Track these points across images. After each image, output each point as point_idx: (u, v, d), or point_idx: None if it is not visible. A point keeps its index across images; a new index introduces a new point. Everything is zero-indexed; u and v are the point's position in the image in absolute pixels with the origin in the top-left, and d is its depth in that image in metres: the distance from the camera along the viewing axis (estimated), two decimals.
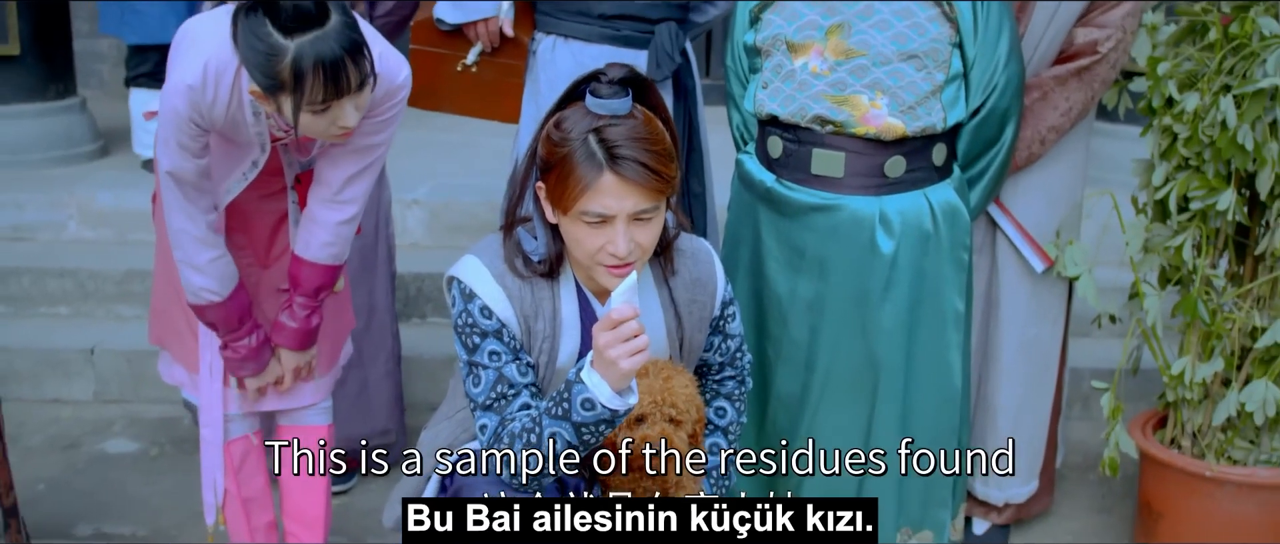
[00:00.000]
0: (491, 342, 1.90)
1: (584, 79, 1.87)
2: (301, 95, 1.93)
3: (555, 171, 1.82)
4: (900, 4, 2.27)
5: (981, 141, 2.42)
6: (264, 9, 1.93)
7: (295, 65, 1.92)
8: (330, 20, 1.93)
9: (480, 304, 1.91)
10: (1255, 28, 2.42)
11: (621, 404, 1.79)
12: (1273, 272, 2.56)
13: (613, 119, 1.81)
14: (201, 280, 2.22)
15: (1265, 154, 2.44)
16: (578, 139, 1.80)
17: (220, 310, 2.26)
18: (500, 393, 1.90)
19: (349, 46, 1.94)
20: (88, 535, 2.91)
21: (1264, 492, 2.60)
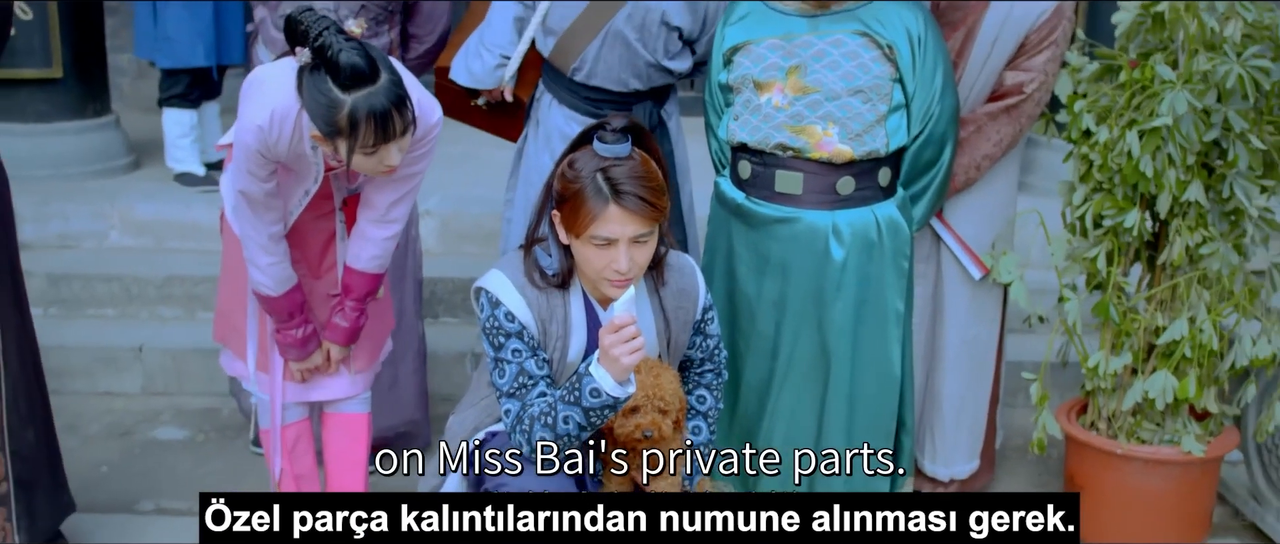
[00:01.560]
0: (514, 341, 2.32)
1: (592, 128, 2.29)
2: (356, 140, 2.34)
3: (569, 203, 2.24)
4: (848, 48, 2.70)
5: (922, 163, 2.84)
6: (326, 68, 2.34)
7: (351, 116, 2.32)
8: (381, 78, 2.34)
9: (505, 310, 2.32)
10: (1154, 73, 2.85)
11: (622, 392, 2.21)
12: (1173, 279, 2.98)
13: (616, 161, 2.23)
14: (260, 277, 2.64)
15: (1163, 181, 2.86)
16: (588, 177, 2.21)
17: (274, 303, 2.67)
18: (521, 383, 2.32)
19: (396, 100, 2.35)
20: (150, 510, 3.32)
21: (1166, 467, 3.02)
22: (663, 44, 3.01)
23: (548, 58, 3.11)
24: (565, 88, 3.11)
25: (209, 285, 4.30)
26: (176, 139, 4.86)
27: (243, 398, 3.62)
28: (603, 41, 2.99)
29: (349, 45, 2.32)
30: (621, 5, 2.95)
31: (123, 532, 3.16)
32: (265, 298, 2.65)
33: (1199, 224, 2.93)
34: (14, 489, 2.75)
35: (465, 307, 4.31)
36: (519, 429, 2.30)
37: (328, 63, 2.30)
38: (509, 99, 3.21)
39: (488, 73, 3.14)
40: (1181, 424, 3.04)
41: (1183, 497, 3.07)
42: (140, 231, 4.61)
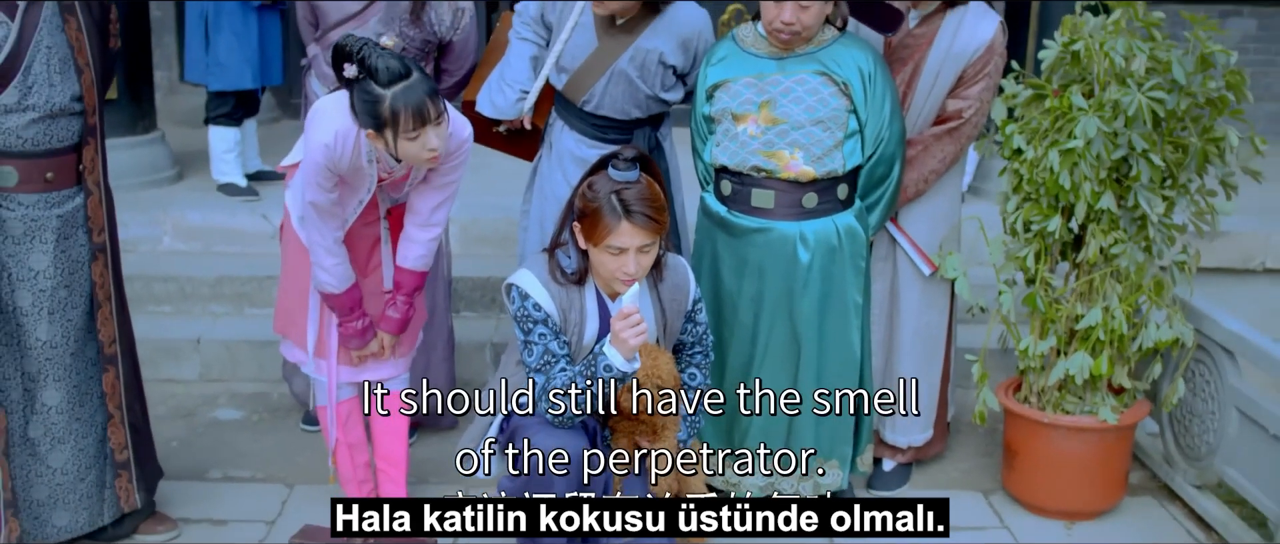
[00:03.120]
0: (541, 327, 2.87)
1: (608, 157, 2.82)
2: (398, 128, 2.85)
3: (588, 219, 2.78)
4: (810, 85, 3.24)
5: (875, 179, 3.38)
6: (368, 74, 2.87)
7: (392, 107, 2.84)
8: (413, 75, 2.86)
9: (533, 302, 2.87)
10: (1071, 102, 3.38)
11: (629, 367, 2.78)
12: (1089, 274, 3.52)
13: (627, 184, 2.77)
14: (326, 277, 3.16)
15: (1080, 192, 3.40)
16: (605, 198, 2.76)
17: (337, 299, 3.20)
18: (546, 360, 2.86)
19: (428, 90, 2.87)
20: (218, 478, 3.85)
21: (1085, 433, 3.56)
22: (660, 79, 3.54)
23: (561, 91, 3.64)
24: (576, 116, 3.64)
25: (255, 284, 4.85)
26: (222, 153, 5.39)
27: (294, 383, 4.15)
28: (609, 79, 3.52)
29: (385, 54, 2.86)
30: (625, 48, 3.48)
31: (198, 495, 3.70)
32: (330, 296, 3.18)
33: (1111, 228, 3.46)
34: (132, 457, 3.29)
35: (484, 302, 4.85)
36: (545, 398, 2.85)
37: (369, 69, 2.84)
38: (527, 127, 3.74)
39: (509, 105, 3.67)
40: (1100, 398, 3.58)
41: (1102, 459, 3.61)
42: (191, 237, 5.14)
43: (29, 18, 2.98)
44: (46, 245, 3.08)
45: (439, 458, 3.93)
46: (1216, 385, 3.57)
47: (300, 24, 3.96)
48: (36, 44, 2.98)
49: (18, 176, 3.02)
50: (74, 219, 3.13)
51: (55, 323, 3.14)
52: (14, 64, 2.96)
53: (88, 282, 3.18)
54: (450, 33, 3.81)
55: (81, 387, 3.22)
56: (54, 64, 3.01)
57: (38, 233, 3.07)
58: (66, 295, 3.15)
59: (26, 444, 3.15)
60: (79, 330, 3.19)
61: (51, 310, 3.13)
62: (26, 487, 3.16)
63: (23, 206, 3.05)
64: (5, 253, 3.06)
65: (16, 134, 2.99)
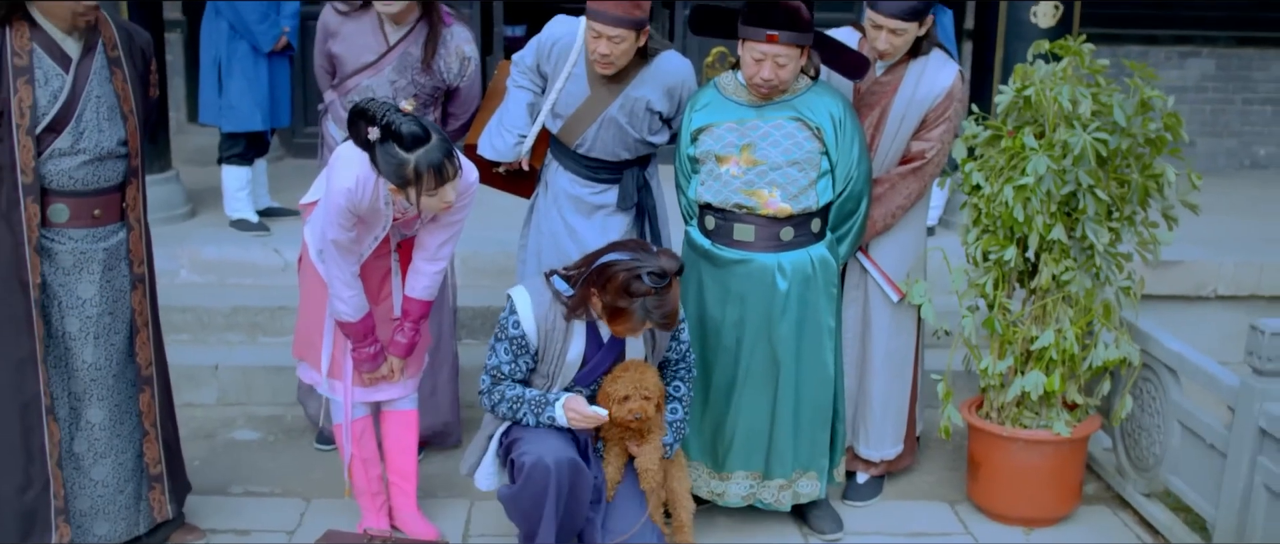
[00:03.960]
0: (508, 343, 3.31)
1: (637, 275, 3.18)
2: (421, 186, 3.19)
3: (618, 314, 3.19)
4: (786, 130, 3.57)
5: (844, 214, 3.71)
6: (392, 139, 3.19)
7: (416, 168, 3.17)
8: (433, 138, 3.19)
9: (515, 319, 3.23)
10: (1023, 142, 3.72)
11: (566, 424, 3.27)
12: (1042, 299, 3.85)
13: (658, 296, 3.17)
14: (343, 307, 3.47)
15: (1033, 224, 3.73)
16: (639, 308, 3.17)
17: (352, 327, 3.50)
18: (500, 371, 3.33)
19: (447, 153, 3.20)
20: (239, 493, 4.14)
21: (1041, 445, 3.87)
22: (647, 124, 3.87)
23: (556, 135, 3.97)
24: (570, 158, 3.96)
25: (268, 314, 5.15)
26: (235, 191, 5.69)
27: (309, 405, 4.45)
28: (600, 125, 3.85)
29: (406, 119, 3.18)
30: (615, 97, 3.81)
31: (222, 509, 3.98)
32: (345, 324, 3.48)
33: (1062, 257, 3.79)
34: (164, 471, 3.59)
35: (484, 330, 5.15)
36: (489, 397, 3.37)
37: (393, 134, 3.16)
38: (525, 168, 4.06)
39: (508, 148, 3.99)
40: (1054, 413, 3.90)
41: (1057, 470, 3.92)
42: (206, 270, 5.44)
43: (81, 70, 3.30)
44: (93, 276, 3.39)
45: (444, 473, 4.23)
46: (1161, 401, 3.89)
47: (318, 72, 4.27)
48: (88, 94, 3.30)
49: (68, 213, 3.33)
50: (117, 252, 3.44)
51: (100, 347, 3.43)
52: (68, 112, 3.27)
53: (128, 309, 3.48)
54: (457, 80, 4.13)
55: (122, 406, 3.51)
56: (102, 112, 3.33)
57: (86, 265, 3.38)
58: (110, 321, 3.45)
59: (72, 458, 3.44)
60: (121, 354, 3.49)
61: (97, 335, 3.43)
62: (72, 498, 3.45)
63: (72, 240, 3.36)
64: (56, 282, 3.36)
65: (68, 175, 3.30)
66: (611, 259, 3.24)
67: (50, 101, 3.25)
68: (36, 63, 3.24)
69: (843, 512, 3.98)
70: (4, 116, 3.21)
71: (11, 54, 3.20)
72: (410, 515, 3.78)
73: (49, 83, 3.25)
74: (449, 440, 4.44)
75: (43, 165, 3.26)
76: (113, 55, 3.37)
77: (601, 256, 3.28)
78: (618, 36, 3.62)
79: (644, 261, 3.19)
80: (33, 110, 3.22)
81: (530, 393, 3.34)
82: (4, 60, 3.19)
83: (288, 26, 5.65)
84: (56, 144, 3.27)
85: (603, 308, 3.23)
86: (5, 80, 3.19)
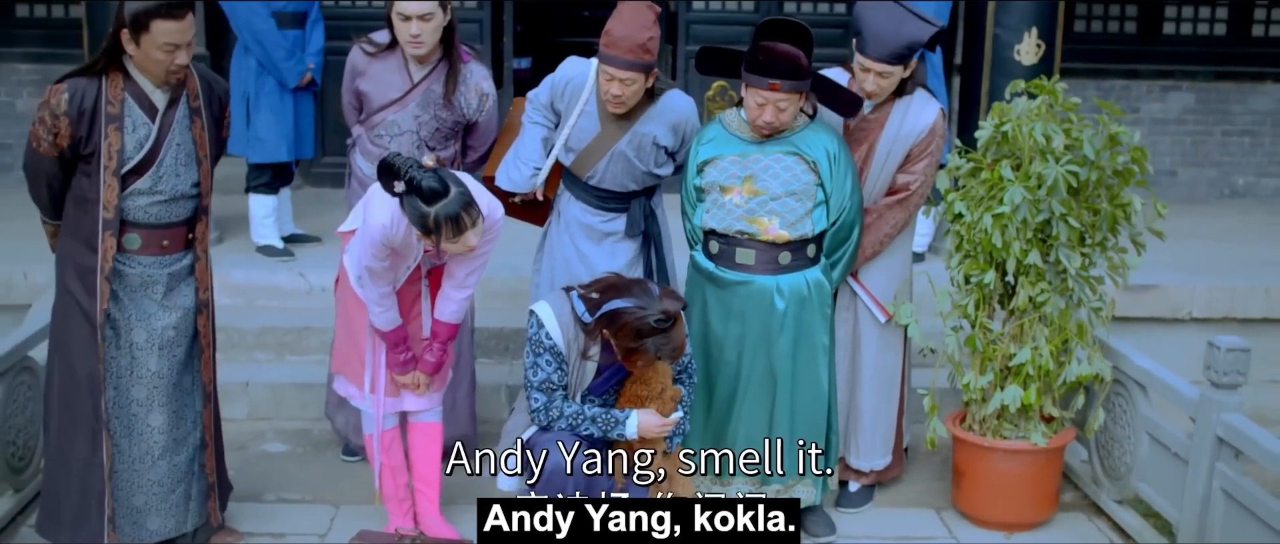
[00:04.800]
0: (547, 355, 3.56)
1: (645, 323, 3.49)
2: (441, 235, 3.50)
3: (632, 351, 3.52)
4: (784, 163, 3.88)
5: (837, 241, 4.02)
6: (414, 193, 3.50)
7: (435, 220, 3.48)
8: (451, 192, 3.49)
9: (546, 331, 3.53)
10: (1000, 173, 4.04)
11: (633, 436, 3.63)
12: (1020, 319, 4.16)
13: (663, 334, 3.49)
14: (379, 321, 3.78)
15: (1010, 250, 4.04)
16: (650, 346, 3.48)
17: (388, 335, 3.81)
18: (550, 384, 3.57)
19: (464, 205, 3.51)
20: (272, 500, 4.44)
21: (1020, 455, 4.17)
22: (653, 158, 4.19)
23: (568, 168, 4.28)
24: (581, 188, 4.28)
25: (295, 334, 5.46)
26: (261, 219, 6.00)
27: (336, 419, 4.75)
28: (609, 159, 4.17)
29: (428, 174, 3.49)
30: (624, 133, 4.13)
31: (257, 514, 4.28)
32: (382, 333, 3.80)
33: (1037, 280, 4.10)
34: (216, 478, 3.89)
35: (498, 350, 5.46)
36: (544, 414, 3.61)
37: (415, 189, 3.48)
38: (539, 198, 4.37)
39: (524, 180, 4.30)
40: (1032, 425, 4.19)
41: (1035, 477, 4.22)
42: (235, 293, 5.74)
43: (166, 119, 3.62)
44: (156, 294, 3.71)
45: (464, 483, 4.51)
46: (1131, 414, 4.20)
47: (345, 109, 4.59)
48: (169, 141, 3.62)
49: (140, 242, 3.66)
50: (179, 275, 3.75)
51: (163, 358, 3.75)
52: (151, 157, 3.59)
53: (192, 328, 3.80)
54: (476, 114, 4.46)
55: (179, 413, 3.82)
56: (181, 157, 3.65)
57: (150, 285, 3.70)
58: (174, 335, 3.76)
59: (130, 462, 3.74)
60: (180, 366, 3.80)
61: (161, 347, 3.74)
62: (128, 495, 3.75)
63: (141, 265, 3.68)
64: (126, 298, 3.68)
65: (144, 210, 3.63)
66: (618, 307, 3.53)
67: (136, 148, 3.58)
68: (127, 111, 3.56)
69: (835, 517, 4.28)
70: (94, 157, 3.54)
71: (106, 102, 3.53)
72: (433, 519, 4.08)
73: (136, 130, 3.58)
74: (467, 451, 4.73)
75: (123, 202, 3.59)
76: (194, 105, 3.69)
77: (608, 302, 3.56)
78: (629, 79, 3.94)
79: (648, 307, 3.51)
80: (120, 154, 3.55)
81: (591, 410, 3.66)
82: (98, 107, 3.52)
83: (312, 63, 5.98)
84: (138, 184, 3.59)
85: (616, 346, 3.56)
86: (98, 125, 3.52)
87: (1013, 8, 5.84)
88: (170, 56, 3.53)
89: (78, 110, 3.52)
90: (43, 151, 3.58)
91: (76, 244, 3.67)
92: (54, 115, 3.52)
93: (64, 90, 3.53)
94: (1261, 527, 3.54)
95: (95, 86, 3.55)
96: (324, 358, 5.18)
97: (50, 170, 3.63)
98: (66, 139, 3.55)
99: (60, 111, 3.52)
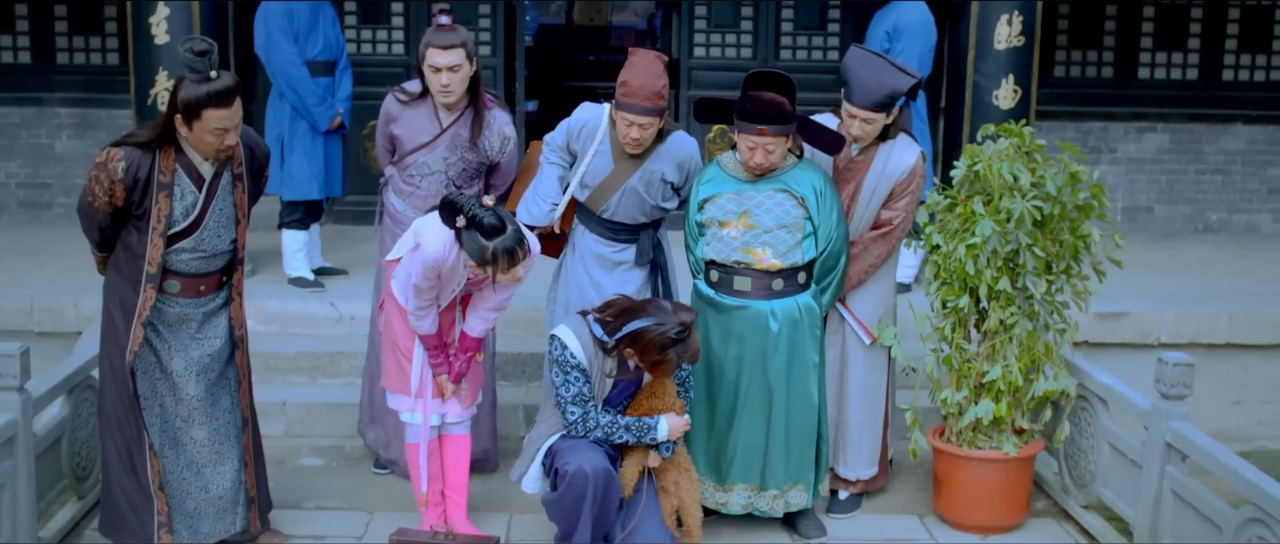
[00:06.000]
0: (576, 371, 3.98)
1: (667, 336, 3.95)
2: (497, 266, 3.95)
3: (658, 363, 3.99)
4: (776, 199, 4.33)
5: (825, 270, 4.46)
6: (475, 228, 3.95)
7: (494, 253, 3.94)
8: (507, 229, 3.95)
9: (570, 351, 3.97)
10: (972, 208, 4.48)
11: (665, 439, 4.08)
12: (991, 340, 4.59)
13: (680, 342, 3.94)
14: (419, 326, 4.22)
15: (982, 277, 4.48)
16: (673, 355, 3.94)
17: (429, 339, 4.25)
18: (583, 397, 3.98)
19: (518, 240, 3.97)
20: (311, 507, 4.85)
21: (993, 464, 4.59)
22: (661, 193, 4.64)
23: (583, 203, 4.73)
24: (595, 221, 4.73)
25: (327, 359, 5.89)
26: (294, 253, 6.45)
27: (368, 435, 5.17)
28: (622, 194, 4.62)
29: (488, 212, 3.95)
30: (635, 170, 4.58)
31: (298, 520, 4.69)
32: (424, 338, 4.26)
33: (1007, 304, 4.53)
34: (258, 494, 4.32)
35: (515, 373, 5.88)
36: (583, 425, 4.00)
37: (477, 225, 3.92)
38: (556, 231, 4.82)
39: (543, 214, 4.75)
40: (1004, 436, 4.62)
41: (1007, 484, 4.64)
42: (270, 321, 6.17)
43: (211, 187, 4.06)
44: (191, 328, 4.14)
45: (485, 492, 4.94)
46: (1094, 426, 4.62)
47: (379, 151, 5.04)
48: (214, 208, 4.07)
49: (180, 287, 4.10)
50: (212, 312, 4.18)
51: (200, 383, 4.17)
52: (197, 223, 4.03)
53: (225, 355, 4.23)
54: (498, 156, 4.91)
55: (221, 429, 4.24)
56: (222, 220, 4.09)
57: (186, 322, 4.13)
58: (209, 362, 4.19)
59: (179, 471, 4.16)
60: (216, 390, 4.22)
61: (197, 374, 4.16)
62: (181, 501, 4.17)
63: (179, 305, 4.12)
64: (165, 331, 4.11)
65: (186, 263, 4.07)
66: (639, 326, 3.99)
67: (184, 214, 4.01)
68: (177, 181, 3.99)
69: (826, 522, 4.69)
70: (144, 218, 3.98)
71: (158, 172, 3.95)
72: (461, 521, 4.50)
73: (184, 197, 4.01)
74: (488, 466, 5.15)
75: (166, 258, 4.02)
76: (237, 172, 4.14)
77: (630, 322, 4.02)
78: (647, 123, 4.41)
79: (666, 322, 3.97)
80: (168, 218, 3.98)
81: (624, 419, 4.13)
82: (152, 177, 3.94)
83: (341, 108, 6.45)
84: (182, 244, 4.04)
85: (642, 361, 4.01)
86: (150, 192, 3.95)
87: (991, 57, 6.32)
88: (220, 138, 3.94)
89: (133, 179, 3.93)
90: (97, 206, 3.99)
91: (122, 282, 4.09)
92: (111, 179, 3.92)
93: (121, 158, 3.92)
94: (1206, 523, 3.96)
95: (150, 158, 3.95)
96: (354, 381, 5.63)
97: (102, 221, 4.04)
98: (120, 200, 3.96)
99: (116, 177, 3.92)
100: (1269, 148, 8.59)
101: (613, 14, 15.20)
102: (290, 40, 6.20)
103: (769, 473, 4.47)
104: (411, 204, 4.85)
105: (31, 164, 8.28)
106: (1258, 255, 7.99)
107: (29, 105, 8.22)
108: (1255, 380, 6.42)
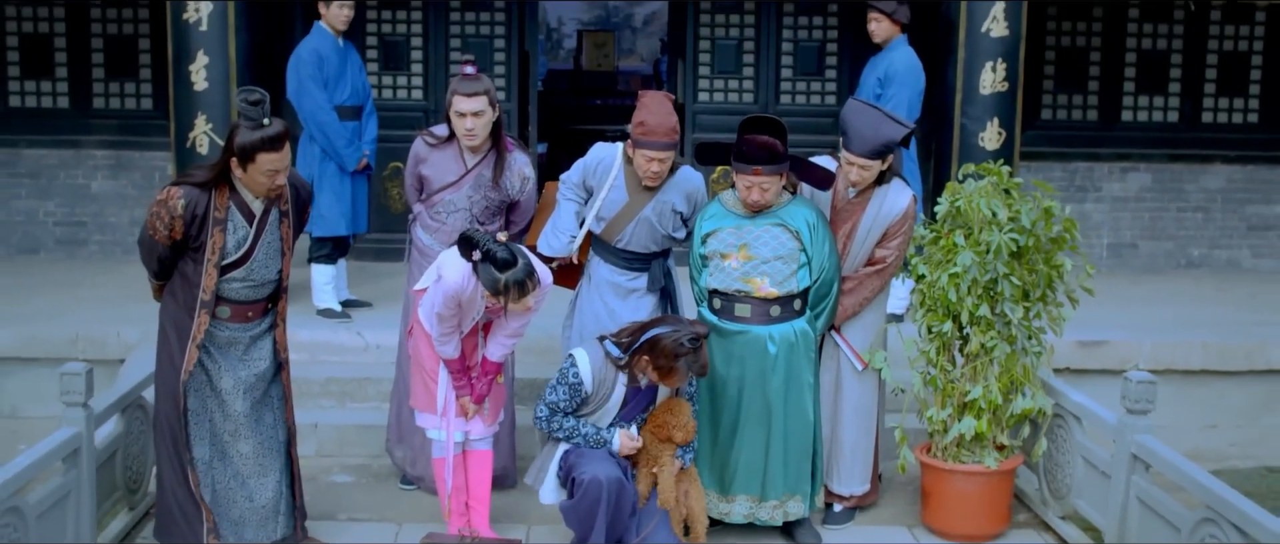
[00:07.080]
0: (570, 387, 4.44)
1: (681, 344, 4.37)
2: (508, 297, 4.35)
3: (669, 371, 4.37)
4: (773, 233, 4.74)
5: (820, 296, 4.86)
6: (490, 261, 4.34)
7: (506, 284, 4.33)
8: (519, 263, 4.35)
9: (576, 372, 4.40)
10: (953, 240, 4.88)
11: (616, 450, 4.44)
12: (973, 362, 4.97)
13: (694, 353, 4.34)
14: (443, 351, 4.61)
15: (964, 304, 4.87)
16: (684, 364, 4.34)
17: (452, 363, 4.64)
18: (558, 407, 4.46)
19: (529, 273, 4.37)
20: (344, 519, 5.23)
21: (976, 476, 4.97)
22: (671, 223, 5.05)
23: (598, 235, 5.14)
24: (610, 251, 5.14)
25: (355, 384, 6.28)
26: (322, 286, 6.86)
27: (395, 453, 5.55)
28: (635, 225, 5.03)
29: (501, 247, 4.35)
30: (648, 202, 5.00)
31: (332, 530, 5.06)
32: (447, 362, 4.65)
33: (987, 329, 4.92)
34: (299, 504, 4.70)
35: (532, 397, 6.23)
36: (546, 423, 4.54)
37: (490, 259, 4.33)
38: (574, 261, 5.23)
39: (562, 246, 5.16)
40: (986, 451, 4.99)
41: (989, 496, 5.01)
42: (301, 349, 6.52)
43: (261, 222, 4.47)
44: (239, 350, 4.54)
45: (505, 505, 5.31)
46: (1069, 442, 5.00)
47: (407, 190, 5.45)
48: (263, 241, 4.48)
49: (230, 313, 4.50)
50: (258, 336, 4.58)
51: (247, 400, 4.56)
52: (247, 255, 4.44)
53: (274, 380, 4.63)
54: (519, 195, 5.32)
55: (265, 444, 4.63)
56: (270, 252, 4.50)
57: (233, 344, 4.54)
58: (255, 381, 4.58)
59: (226, 481, 4.55)
60: (261, 407, 4.62)
61: (244, 392, 4.56)
62: (227, 509, 4.55)
63: (228, 329, 4.52)
64: (216, 352, 4.51)
65: (236, 291, 4.47)
66: (658, 333, 4.40)
67: (236, 247, 4.42)
68: (231, 217, 4.40)
69: (821, 532, 5.06)
70: (201, 251, 4.38)
71: (213, 209, 4.36)
72: (486, 529, 4.87)
73: (237, 231, 4.42)
74: (506, 482, 5.52)
75: (219, 286, 4.42)
76: (284, 209, 4.55)
77: (648, 331, 4.43)
78: (665, 157, 4.87)
79: (682, 330, 4.38)
80: (222, 250, 4.39)
81: (585, 427, 4.49)
82: (208, 213, 4.35)
83: (367, 150, 6.88)
84: (233, 273, 4.44)
85: (654, 368, 4.40)
86: (207, 227, 4.36)
87: (977, 101, 6.76)
88: (271, 179, 4.35)
89: (191, 215, 4.34)
90: (158, 238, 4.40)
91: (178, 307, 4.50)
92: (171, 215, 4.33)
93: (181, 197, 4.33)
94: (1166, 526, 4.33)
95: (206, 197, 4.36)
96: (381, 405, 6.02)
97: (162, 252, 4.45)
98: (179, 234, 4.37)
99: (176, 214, 4.33)
100: (1247, 186, 9.00)
101: (620, 59, 15.71)
102: (320, 87, 6.63)
103: (769, 484, 4.85)
104: (438, 239, 5.25)
105: (68, 203, 8.70)
106: (1237, 288, 8.38)
107: (66, 147, 8.64)
108: (1229, 405, 6.81)
